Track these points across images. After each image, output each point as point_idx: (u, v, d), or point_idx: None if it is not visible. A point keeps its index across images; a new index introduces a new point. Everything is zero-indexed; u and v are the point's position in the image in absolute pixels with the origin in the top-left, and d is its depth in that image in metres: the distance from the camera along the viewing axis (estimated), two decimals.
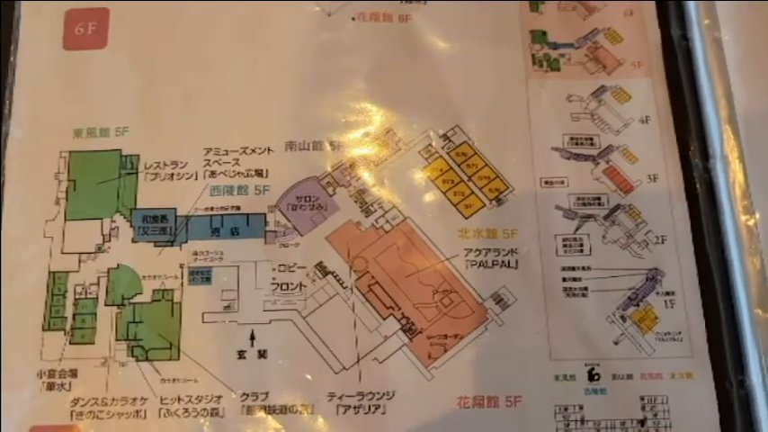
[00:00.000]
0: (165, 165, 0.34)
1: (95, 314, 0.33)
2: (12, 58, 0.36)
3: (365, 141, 0.35)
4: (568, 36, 0.37)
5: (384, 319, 0.33)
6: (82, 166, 0.34)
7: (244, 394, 0.32)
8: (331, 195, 0.34)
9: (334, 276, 0.33)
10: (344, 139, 0.35)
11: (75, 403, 0.32)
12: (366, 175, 0.34)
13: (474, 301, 0.33)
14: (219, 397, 0.32)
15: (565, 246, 0.34)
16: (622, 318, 0.33)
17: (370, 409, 0.32)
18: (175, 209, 0.34)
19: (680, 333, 0.33)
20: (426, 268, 0.33)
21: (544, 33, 0.37)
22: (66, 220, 0.34)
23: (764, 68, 0.36)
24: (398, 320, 0.33)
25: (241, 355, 0.32)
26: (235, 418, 0.32)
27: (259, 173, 0.34)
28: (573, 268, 0.34)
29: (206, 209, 0.34)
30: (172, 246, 0.33)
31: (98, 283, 0.33)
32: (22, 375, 0.32)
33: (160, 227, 0.34)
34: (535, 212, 0.34)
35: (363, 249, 0.34)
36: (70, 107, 0.35)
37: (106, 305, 0.33)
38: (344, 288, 0.33)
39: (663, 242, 0.34)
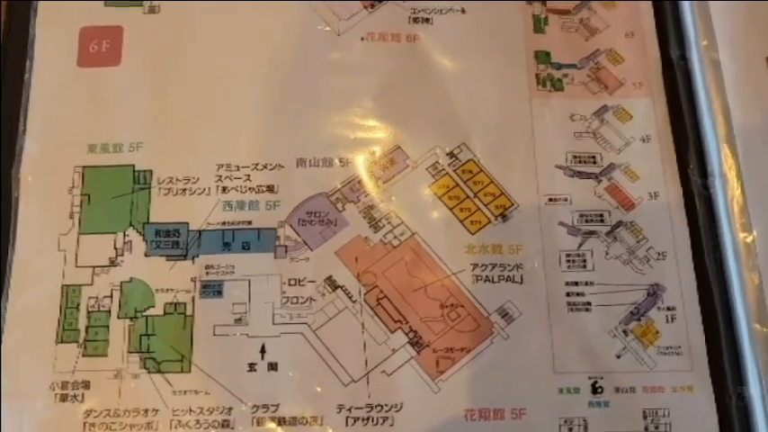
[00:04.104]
0: (177, 180, 0.35)
1: (108, 327, 0.33)
2: (27, 75, 0.36)
3: (374, 158, 0.36)
4: (571, 57, 0.38)
5: (392, 333, 0.33)
6: (96, 180, 0.35)
7: (254, 406, 0.32)
8: (340, 211, 0.35)
9: (344, 290, 0.34)
10: (353, 156, 0.36)
11: (88, 414, 0.32)
12: (374, 192, 0.35)
13: (480, 315, 0.34)
14: (230, 409, 0.32)
15: (568, 261, 0.35)
16: (624, 332, 0.34)
17: (378, 420, 0.32)
18: (188, 223, 0.34)
19: (680, 347, 0.34)
20: (433, 283, 0.34)
21: (548, 54, 0.38)
22: (79, 233, 0.34)
23: (761, 88, 0.37)
24: (406, 334, 0.33)
25: (252, 367, 0.33)
26: (245, 430, 0.32)
27: (270, 188, 0.35)
28: (576, 283, 0.34)
29: (218, 223, 0.34)
30: (184, 259, 0.34)
31: (111, 296, 0.34)
32: (35, 387, 0.32)
33: (172, 241, 0.34)
34: (539, 229, 0.35)
35: (372, 264, 0.34)
36: (84, 123, 0.36)
37: (119, 318, 0.33)
38: (353, 302, 0.34)
39: (663, 258, 0.35)
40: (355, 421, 0.32)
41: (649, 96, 0.37)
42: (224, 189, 0.35)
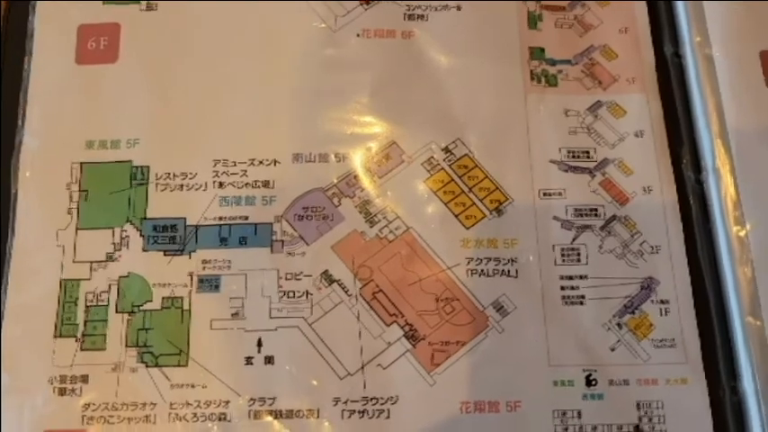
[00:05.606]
0: (174, 176, 0.35)
1: (106, 321, 0.34)
2: (25, 72, 0.36)
3: (369, 154, 0.36)
4: (565, 52, 0.38)
5: (388, 326, 0.34)
6: (94, 176, 0.35)
7: (251, 399, 0.33)
8: (336, 206, 0.35)
9: (340, 285, 0.34)
10: (349, 152, 0.36)
11: (87, 408, 0.32)
12: (370, 187, 0.35)
13: (475, 308, 0.34)
14: (227, 402, 0.33)
15: (563, 255, 0.35)
16: (618, 325, 0.34)
17: (374, 413, 0.33)
18: (185, 218, 0.35)
19: (674, 340, 0.34)
20: (429, 277, 0.34)
21: (542, 50, 0.38)
22: (77, 229, 0.35)
23: (754, 84, 0.37)
24: (402, 327, 0.34)
25: (248, 361, 0.33)
26: (242, 423, 0.32)
27: (266, 184, 0.35)
28: (570, 277, 0.35)
29: (215, 218, 0.35)
30: (181, 254, 0.34)
31: (109, 291, 0.34)
32: (34, 381, 0.33)
33: (170, 236, 0.34)
34: (534, 223, 0.35)
35: (368, 258, 0.34)
36: (82, 119, 0.36)
37: (117, 312, 0.34)
38: (349, 296, 0.34)
39: (657, 252, 0.35)
40: (351, 414, 0.33)
41: (643, 92, 0.38)
42: (221, 184, 0.35)
